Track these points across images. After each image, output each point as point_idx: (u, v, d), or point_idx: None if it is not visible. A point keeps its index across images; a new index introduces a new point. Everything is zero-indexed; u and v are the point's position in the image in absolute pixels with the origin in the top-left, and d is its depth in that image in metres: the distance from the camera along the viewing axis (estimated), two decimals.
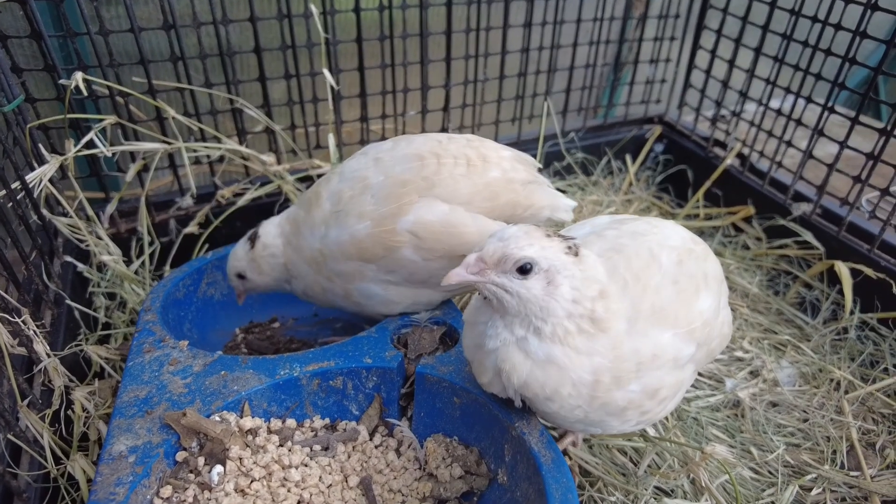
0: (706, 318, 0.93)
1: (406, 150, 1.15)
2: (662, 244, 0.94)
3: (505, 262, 0.80)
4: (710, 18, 1.94)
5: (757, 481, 1.17)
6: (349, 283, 1.17)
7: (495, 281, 0.82)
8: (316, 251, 1.17)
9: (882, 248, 1.48)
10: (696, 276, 0.94)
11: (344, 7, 1.53)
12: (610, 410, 0.89)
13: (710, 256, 1.01)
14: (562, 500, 0.86)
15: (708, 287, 0.95)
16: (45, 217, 1.30)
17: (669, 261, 0.92)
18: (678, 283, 0.91)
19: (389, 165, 1.13)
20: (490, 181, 1.13)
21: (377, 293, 1.17)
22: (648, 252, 0.92)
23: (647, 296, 0.88)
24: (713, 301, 0.95)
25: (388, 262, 1.11)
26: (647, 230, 0.97)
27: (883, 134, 1.42)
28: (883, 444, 1.23)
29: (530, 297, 0.81)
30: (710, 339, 0.96)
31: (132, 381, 1.05)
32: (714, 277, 0.98)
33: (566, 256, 0.81)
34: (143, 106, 1.46)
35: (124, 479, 0.88)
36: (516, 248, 0.80)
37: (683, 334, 0.90)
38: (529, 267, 0.80)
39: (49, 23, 1.42)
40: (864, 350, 1.43)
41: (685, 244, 0.98)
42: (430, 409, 1.10)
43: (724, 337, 1.03)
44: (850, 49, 1.46)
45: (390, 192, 1.09)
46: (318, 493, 0.98)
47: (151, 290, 1.29)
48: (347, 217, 1.11)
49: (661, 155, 2.13)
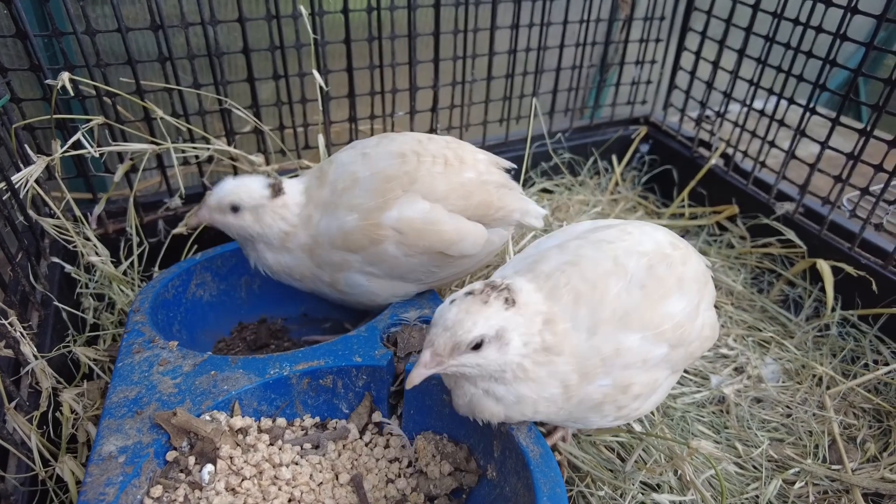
0: (678, 320, 0.95)
1: (389, 146, 1.20)
2: (631, 250, 0.97)
3: (458, 348, 0.85)
4: (694, 20, 1.97)
5: (742, 476, 1.19)
6: (337, 272, 1.20)
7: (454, 364, 0.86)
8: (310, 238, 1.20)
9: (862, 247, 1.51)
10: (667, 279, 0.96)
11: (332, 8, 1.54)
12: (588, 405, 0.93)
13: (690, 260, 1.03)
14: (550, 494, 0.87)
15: (682, 290, 0.97)
16: (32, 218, 1.29)
17: (638, 266, 0.95)
18: (646, 288, 0.93)
19: (375, 161, 1.18)
20: (465, 181, 1.19)
21: (362, 283, 1.21)
22: (612, 260, 0.95)
23: (608, 302, 0.91)
24: (687, 304, 0.97)
25: (371, 255, 1.16)
26: (618, 237, 1.00)
27: (863, 134, 1.45)
28: (863, 437, 1.26)
29: (488, 363, 0.86)
30: (685, 340, 0.97)
31: (121, 381, 1.04)
32: (693, 280, 1.00)
33: (507, 313, 0.86)
34: (130, 106, 1.45)
35: (114, 480, 0.88)
36: (464, 332, 0.84)
37: (651, 336, 0.92)
38: (482, 342, 0.85)
39: (34, 22, 1.41)
40: (845, 346, 1.46)
41: (660, 249, 1.00)
42: (420, 407, 1.10)
43: (705, 339, 1.04)
44: (830, 51, 1.49)
45: (376, 187, 1.14)
46: (309, 492, 0.99)
47: (140, 290, 1.28)
48: (338, 209, 1.16)
49: (647, 155, 2.15)
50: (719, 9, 1.82)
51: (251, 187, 1.20)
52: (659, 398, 1.03)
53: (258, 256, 1.26)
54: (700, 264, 1.07)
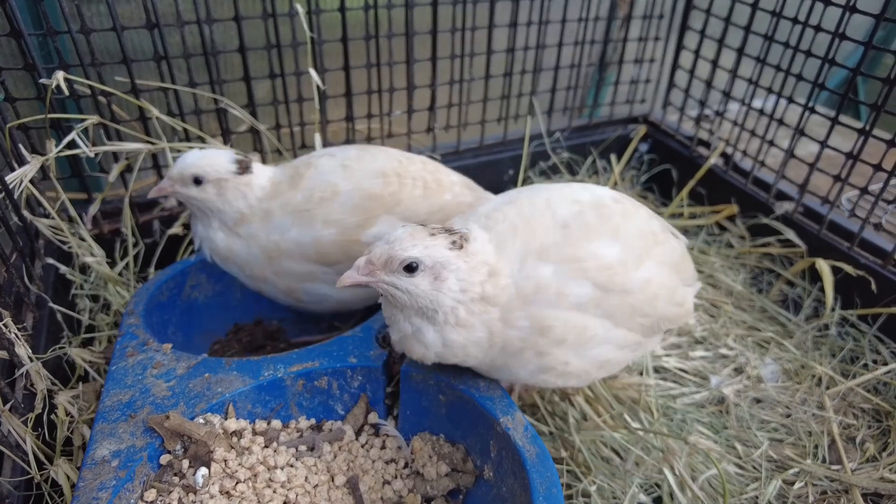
0: (605, 262, 0.96)
1: (372, 164, 1.22)
2: (565, 197, 1.03)
3: (391, 262, 0.88)
4: (693, 19, 1.96)
5: (742, 476, 1.18)
6: (298, 283, 1.22)
7: (385, 280, 0.89)
8: (273, 244, 1.19)
9: (861, 246, 1.50)
10: (595, 225, 0.99)
11: (329, 6, 1.53)
12: (509, 351, 0.96)
13: (634, 216, 1.06)
14: (546, 494, 0.87)
15: (616, 237, 0.99)
16: (26, 218, 1.28)
17: (568, 211, 1.00)
18: (568, 227, 0.97)
19: (357, 176, 1.19)
20: (444, 204, 1.25)
21: (328, 294, 1.23)
22: (544, 202, 1.01)
23: (536, 236, 0.96)
24: (621, 251, 0.99)
25: (342, 268, 1.16)
26: (558, 188, 1.07)
27: (862, 134, 1.44)
28: (863, 438, 1.25)
29: (419, 293, 0.88)
30: (618, 286, 0.97)
31: (115, 385, 1.04)
32: (636, 235, 1.02)
33: (450, 252, 0.88)
34: (126, 106, 1.44)
35: (107, 484, 0.87)
36: (401, 249, 0.87)
37: (568, 270, 0.94)
38: (415, 266, 0.87)
39: (29, 21, 1.40)
40: (844, 346, 1.45)
41: (597, 200, 1.04)
42: (416, 408, 1.10)
43: (653, 297, 1.02)
44: (829, 50, 1.48)
45: (358, 204, 1.16)
46: (305, 494, 0.98)
47: (135, 293, 1.28)
48: (314, 221, 1.16)
49: (646, 154, 2.14)
50: (718, 7, 1.81)
51: (216, 160, 1.17)
52: (599, 357, 1.02)
53: (208, 235, 1.23)
54: (651, 223, 1.08)
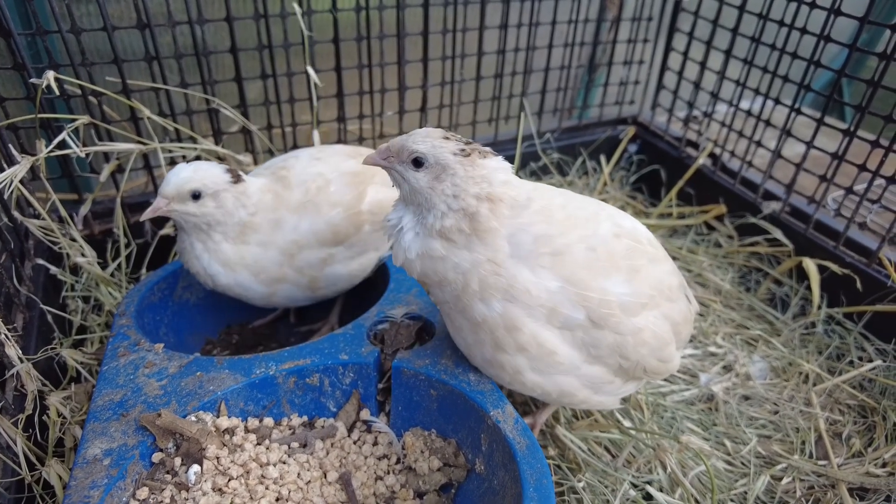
0: (608, 300, 0.95)
1: (337, 152, 1.36)
2: (611, 216, 1.05)
3: (402, 153, 0.93)
4: (681, 21, 1.98)
5: (730, 472, 1.20)
6: (319, 271, 1.28)
7: (397, 168, 0.95)
8: (291, 243, 1.24)
9: (847, 245, 1.52)
10: (618, 258, 0.99)
11: (321, 7, 1.53)
12: (468, 316, 0.96)
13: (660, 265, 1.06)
14: (536, 485, 0.88)
15: (631, 280, 0.98)
16: (16, 219, 1.27)
17: (607, 231, 1.01)
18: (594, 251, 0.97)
19: (335, 163, 1.31)
20: None
21: (341, 273, 1.32)
22: (597, 206, 1.06)
23: (576, 230, 0.97)
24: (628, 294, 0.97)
25: (353, 241, 1.30)
26: (608, 206, 1.10)
27: (847, 134, 1.47)
28: (849, 433, 1.27)
29: (419, 187, 0.92)
30: (613, 329, 0.95)
31: (107, 384, 1.03)
32: (651, 282, 1.00)
33: (453, 157, 0.91)
34: (116, 106, 1.44)
35: (99, 482, 0.87)
36: (412, 143, 0.92)
37: (572, 294, 0.93)
38: (422, 161, 0.92)
39: (18, 20, 1.40)
40: (830, 343, 1.47)
41: (635, 235, 1.05)
42: (408, 403, 1.10)
43: (640, 343, 0.99)
44: (815, 52, 1.51)
45: (349, 182, 1.29)
46: (297, 490, 0.98)
47: (126, 294, 1.27)
48: (320, 207, 1.24)
49: (635, 155, 2.16)
50: (706, 10, 1.84)
51: (211, 172, 1.16)
52: (562, 385, 1.00)
53: (215, 249, 1.20)
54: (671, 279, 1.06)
